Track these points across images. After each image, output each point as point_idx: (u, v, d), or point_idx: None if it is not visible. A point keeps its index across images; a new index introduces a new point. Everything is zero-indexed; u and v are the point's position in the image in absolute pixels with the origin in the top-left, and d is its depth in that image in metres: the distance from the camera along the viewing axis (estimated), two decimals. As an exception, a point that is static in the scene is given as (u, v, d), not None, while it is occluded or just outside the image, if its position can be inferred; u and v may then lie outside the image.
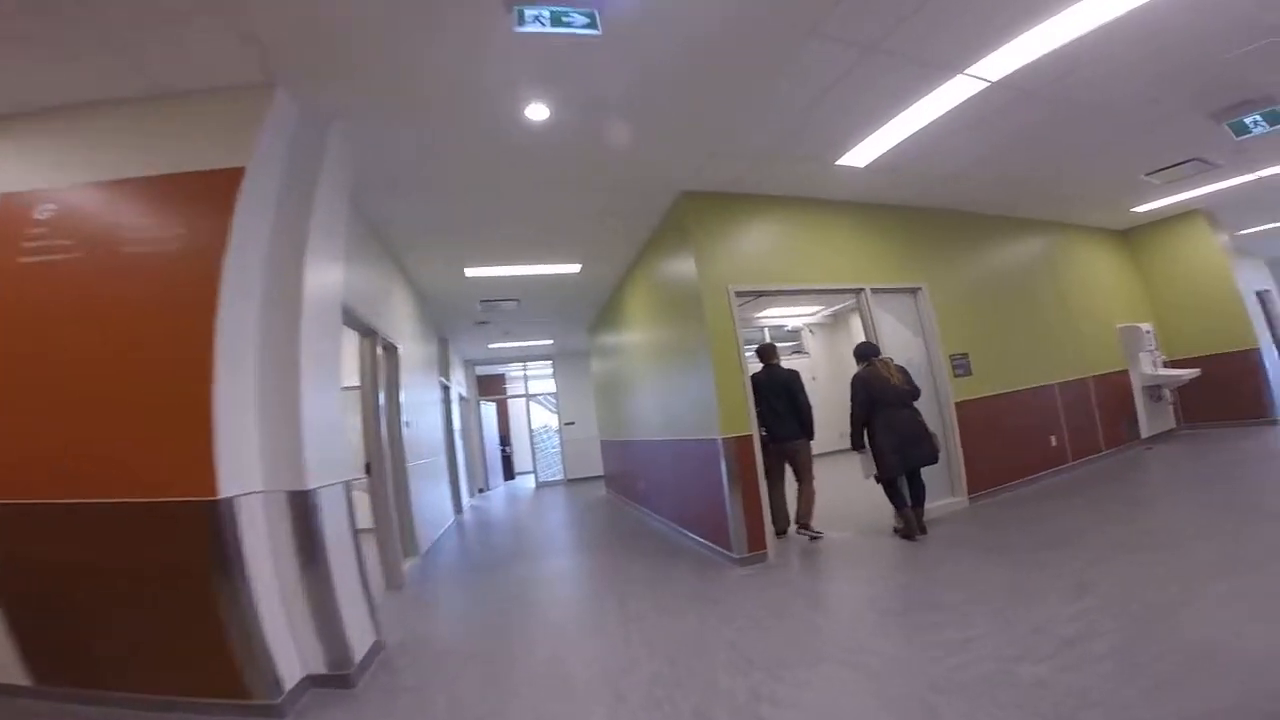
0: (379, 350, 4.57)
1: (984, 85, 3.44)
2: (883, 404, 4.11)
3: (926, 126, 3.82)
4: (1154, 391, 6.48)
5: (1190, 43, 3.27)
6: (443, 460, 7.27)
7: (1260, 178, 5.57)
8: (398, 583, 4.41)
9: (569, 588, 4.18)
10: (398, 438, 4.96)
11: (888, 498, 4.23)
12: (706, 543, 4.45)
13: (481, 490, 11.85)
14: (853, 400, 4.23)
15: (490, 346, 10.76)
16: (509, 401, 14.77)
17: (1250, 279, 7.26)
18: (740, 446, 4.09)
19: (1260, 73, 3.63)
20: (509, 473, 14.28)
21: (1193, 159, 4.94)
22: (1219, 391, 6.42)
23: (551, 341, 10.93)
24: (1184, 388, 6.51)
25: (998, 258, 5.91)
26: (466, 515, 8.47)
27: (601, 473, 10.01)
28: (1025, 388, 5.48)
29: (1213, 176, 5.47)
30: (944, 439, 4.64)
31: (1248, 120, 3.98)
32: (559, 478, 12.33)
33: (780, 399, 4.57)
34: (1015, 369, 5.46)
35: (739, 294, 4.29)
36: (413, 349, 6.08)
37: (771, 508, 4.26)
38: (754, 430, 4.17)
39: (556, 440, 12.60)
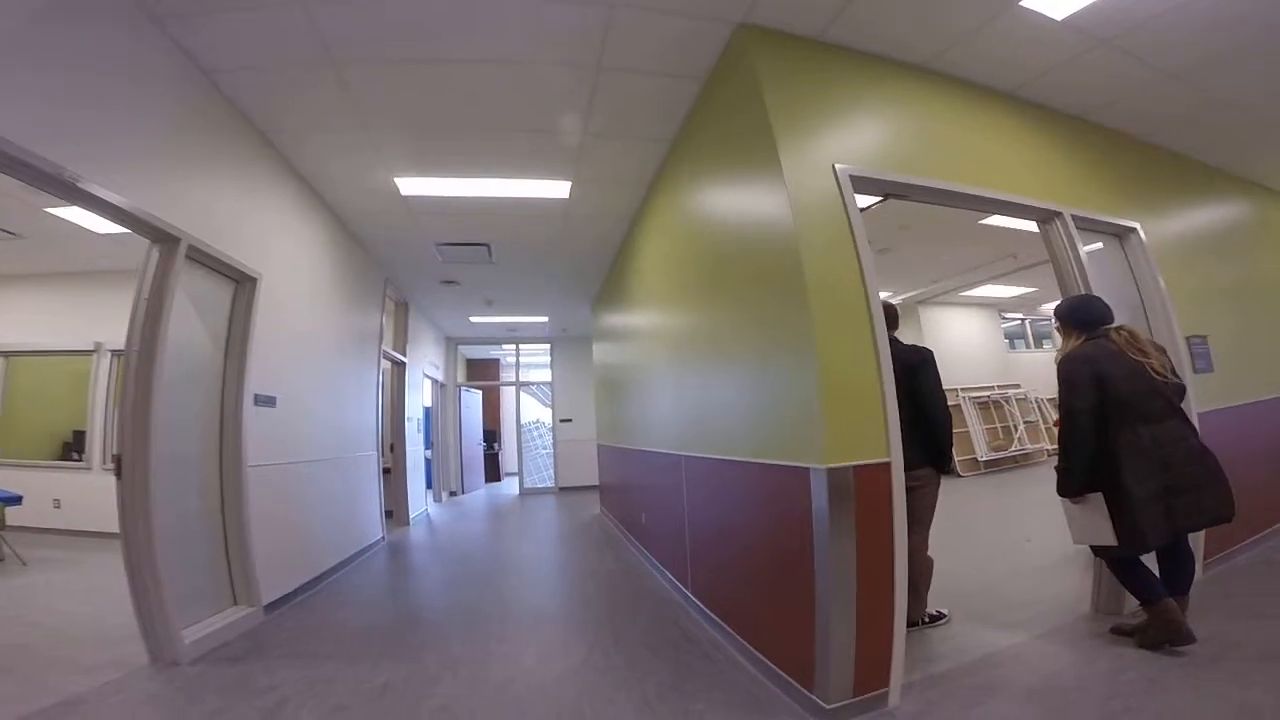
0: (180, 269, 2.56)
1: None
2: (1129, 412, 2.03)
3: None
4: None
5: None
6: (371, 457, 5.27)
7: None
8: (169, 654, 2.48)
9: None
10: (233, 419, 2.99)
11: (1121, 581, 2.16)
12: (762, 659, 2.30)
13: (453, 494, 9.85)
14: (1067, 402, 2.13)
15: (473, 320, 8.76)
16: (500, 391, 12.77)
17: None
18: (866, 486, 1.96)
19: None
20: (493, 474, 12.27)
21: None
22: None
23: (546, 319, 8.92)
24: None
25: (1223, 216, 3.87)
26: (412, 531, 6.46)
27: (598, 483, 7.93)
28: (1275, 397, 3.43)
29: None
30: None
31: None
32: (548, 485, 10.28)
33: (899, 398, 2.48)
34: (1262, 368, 3.45)
35: (856, 181, 2.18)
36: (318, 297, 4.09)
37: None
38: (895, 455, 2.03)
39: (549, 439, 10.58)
